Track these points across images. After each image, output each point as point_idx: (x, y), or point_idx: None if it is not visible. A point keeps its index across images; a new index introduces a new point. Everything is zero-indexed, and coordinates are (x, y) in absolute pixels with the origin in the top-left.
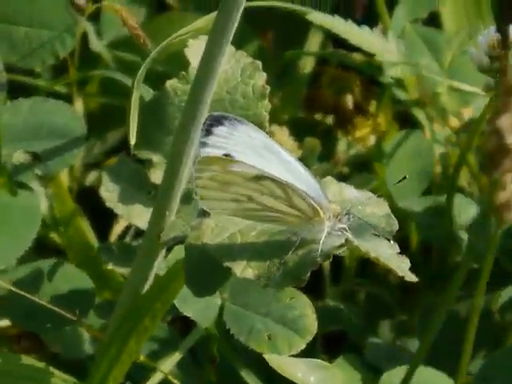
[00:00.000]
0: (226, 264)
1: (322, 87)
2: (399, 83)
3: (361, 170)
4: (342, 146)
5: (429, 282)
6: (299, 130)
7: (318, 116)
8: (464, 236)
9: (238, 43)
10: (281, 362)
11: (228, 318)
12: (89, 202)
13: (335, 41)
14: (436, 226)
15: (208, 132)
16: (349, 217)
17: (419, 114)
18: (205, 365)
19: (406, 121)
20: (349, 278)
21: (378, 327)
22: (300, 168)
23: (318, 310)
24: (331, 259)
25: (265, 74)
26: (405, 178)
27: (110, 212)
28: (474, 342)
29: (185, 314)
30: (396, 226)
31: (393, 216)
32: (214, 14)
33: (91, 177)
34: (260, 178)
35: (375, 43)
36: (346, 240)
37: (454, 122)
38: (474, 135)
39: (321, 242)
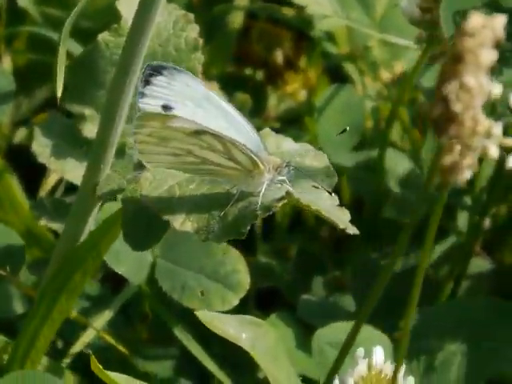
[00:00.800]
0: (165, 217)
1: (252, 42)
2: (330, 37)
3: (292, 125)
4: (272, 101)
5: (361, 237)
6: (229, 85)
7: (248, 71)
8: (396, 190)
9: None
10: (212, 319)
11: (160, 274)
12: (18, 159)
13: None
14: (368, 180)
15: (146, 82)
16: (288, 169)
17: (350, 68)
18: (137, 322)
19: (336, 75)
20: (281, 234)
21: (311, 283)
22: (240, 119)
23: (249, 267)
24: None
25: (197, 26)
26: (345, 130)
27: (39, 170)
28: (407, 297)
29: (116, 270)
30: (335, 178)
31: (332, 167)
32: None
33: (20, 134)
34: (199, 132)
35: None
36: (287, 192)
37: (386, 76)
38: (406, 89)
39: (260, 194)
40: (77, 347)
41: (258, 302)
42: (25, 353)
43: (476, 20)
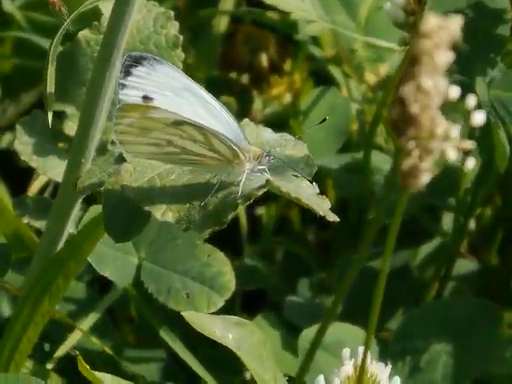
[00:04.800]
0: (146, 208)
1: (237, 46)
2: (315, 41)
3: (277, 128)
4: (257, 104)
5: (346, 240)
6: (214, 89)
7: (233, 74)
8: (381, 193)
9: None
10: (199, 320)
11: (146, 277)
12: (4, 164)
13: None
14: (353, 183)
15: (127, 73)
16: (269, 158)
17: (335, 71)
18: (123, 324)
19: (321, 78)
20: (266, 237)
21: (297, 285)
22: (220, 109)
23: (235, 270)
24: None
25: (177, 23)
26: (325, 119)
27: (26, 174)
28: (394, 298)
29: (102, 273)
30: (315, 167)
31: (312, 156)
32: None
33: (6, 139)
34: (179, 123)
35: (290, 1)
36: (267, 181)
37: (371, 78)
38: (390, 91)
39: (241, 183)
40: (63, 349)
41: (243, 304)
42: (9, 356)
43: (432, 21)
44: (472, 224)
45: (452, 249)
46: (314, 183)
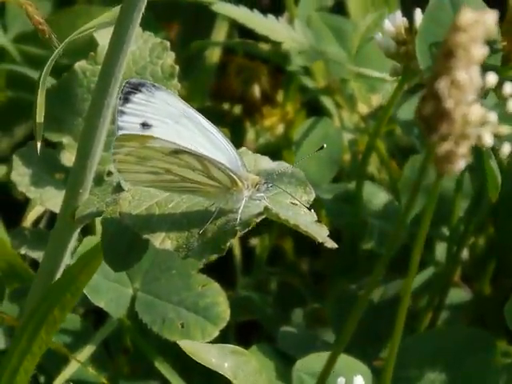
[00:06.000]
0: (145, 236)
1: (230, 77)
2: (307, 71)
3: (270, 159)
4: (250, 135)
5: (340, 269)
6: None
7: (225, 106)
8: (374, 222)
9: None
10: (195, 349)
11: (140, 307)
12: None
13: (241, 30)
14: (346, 213)
15: (126, 100)
16: (267, 186)
17: (327, 102)
18: (118, 356)
19: (314, 109)
20: (260, 267)
21: (291, 316)
22: (219, 136)
23: (229, 301)
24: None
25: (173, 54)
26: (323, 147)
27: (20, 207)
28: (387, 327)
29: (96, 304)
30: (313, 194)
31: (309, 184)
32: (118, 9)
33: (0, 171)
34: (178, 152)
35: (281, 32)
36: (265, 208)
37: (363, 109)
38: (382, 121)
39: (239, 211)
40: (59, 381)
41: (237, 335)
42: None
43: (468, 15)
44: (465, 253)
45: (445, 278)
46: (311, 210)
